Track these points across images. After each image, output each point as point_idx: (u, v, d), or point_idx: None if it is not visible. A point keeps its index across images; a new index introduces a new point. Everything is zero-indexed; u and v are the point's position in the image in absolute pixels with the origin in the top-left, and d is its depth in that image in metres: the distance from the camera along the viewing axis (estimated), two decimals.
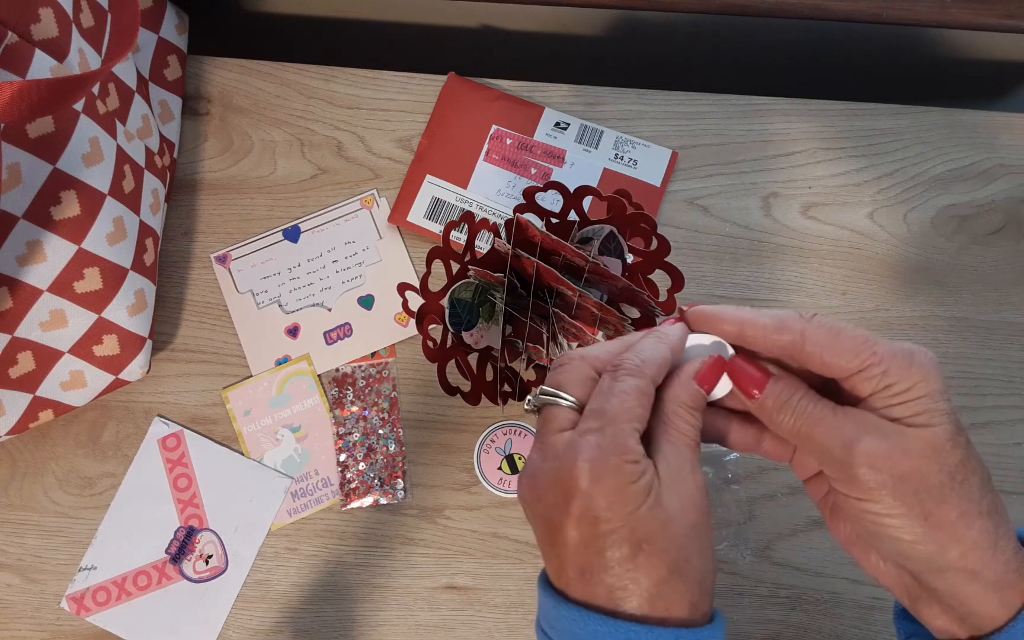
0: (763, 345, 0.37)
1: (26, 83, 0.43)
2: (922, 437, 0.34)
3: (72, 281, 0.56)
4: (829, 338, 0.35)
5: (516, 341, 0.61)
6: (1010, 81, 0.83)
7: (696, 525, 0.35)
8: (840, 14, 0.72)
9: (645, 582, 0.34)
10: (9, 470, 0.64)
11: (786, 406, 0.36)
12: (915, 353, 0.35)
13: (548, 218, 0.61)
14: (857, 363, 0.35)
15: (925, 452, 0.34)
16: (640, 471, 0.35)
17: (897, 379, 0.34)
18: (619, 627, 0.34)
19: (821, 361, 0.35)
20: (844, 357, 0.35)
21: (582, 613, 0.35)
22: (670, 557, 0.34)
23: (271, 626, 0.62)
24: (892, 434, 0.34)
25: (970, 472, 0.34)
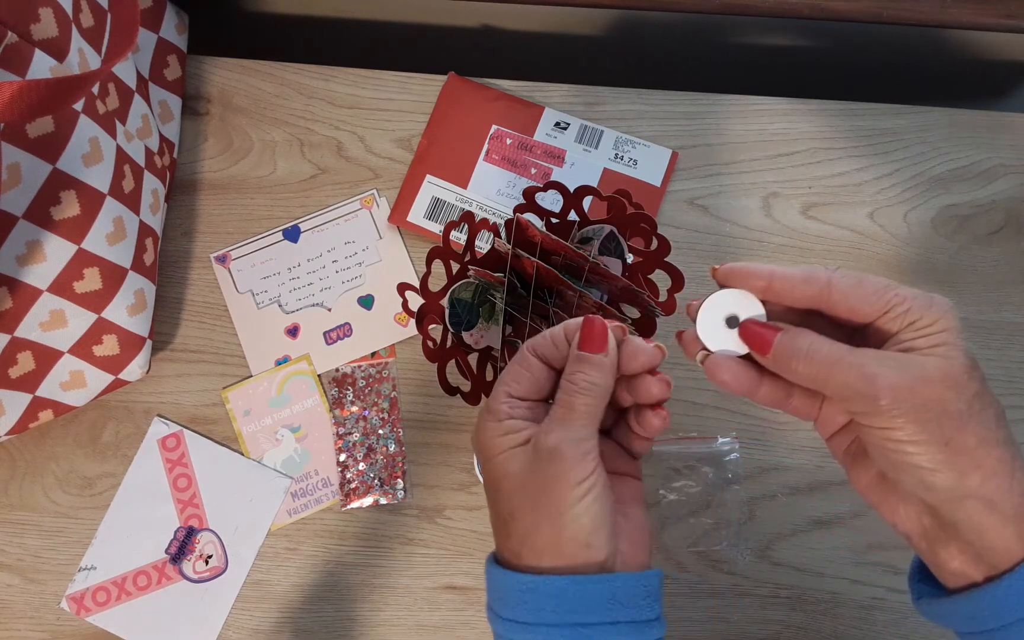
0: (791, 297, 0.38)
1: (26, 83, 0.43)
2: (941, 367, 0.35)
3: (72, 281, 0.56)
4: (854, 285, 0.37)
5: (516, 341, 0.61)
6: (1010, 81, 0.83)
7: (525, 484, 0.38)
8: (840, 14, 0.72)
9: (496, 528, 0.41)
10: (9, 470, 0.64)
11: (798, 353, 0.37)
12: (934, 296, 0.37)
13: (548, 218, 0.61)
14: (882, 304, 0.36)
15: (945, 381, 0.35)
16: (504, 428, 0.39)
17: (920, 315, 0.36)
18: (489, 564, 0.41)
19: (848, 307, 0.37)
20: (869, 301, 0.37)
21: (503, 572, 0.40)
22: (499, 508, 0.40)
23: (271, 626, 0.62)
24: (912, 365, 0.35)
25: (986, 404, 0.36)
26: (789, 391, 0.41)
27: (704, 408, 0.66)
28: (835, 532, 0.62)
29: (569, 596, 0.37)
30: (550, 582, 0.37)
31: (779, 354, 0.37)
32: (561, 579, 0.37)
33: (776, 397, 0.41)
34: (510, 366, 0.41)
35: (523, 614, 0.38)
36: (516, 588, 0.38)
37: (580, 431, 0.38)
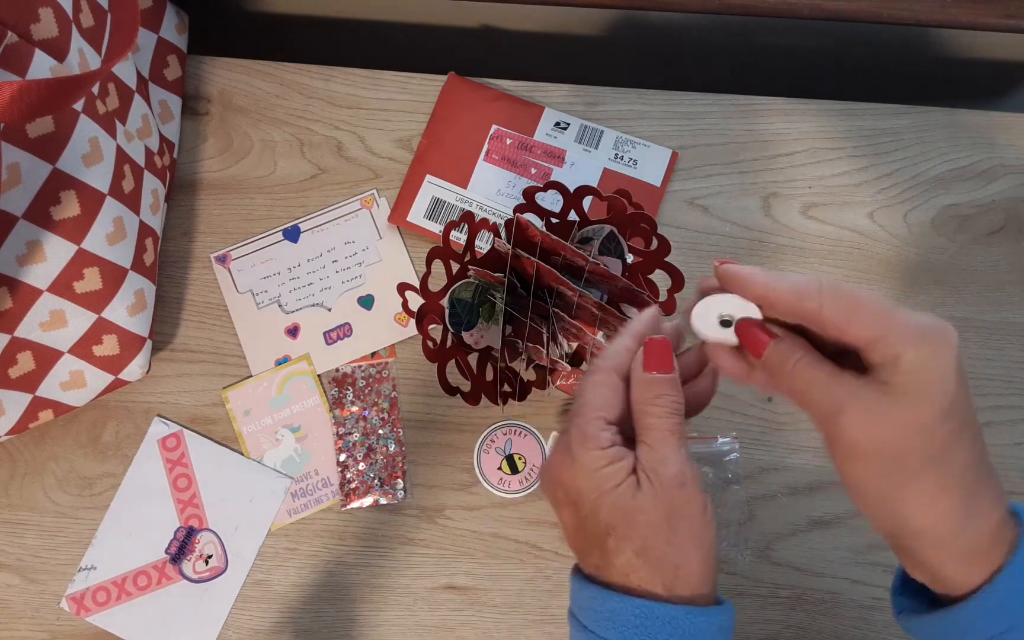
0: (783, 312, 0.38)
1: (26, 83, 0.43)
2: (911, 411, 0.35)
3: (72, 281, 0.56)
4: (846, 311, 0.35)
5: (516, 341, 0.61)
6: (1010, 81, 0.83)
7: (669, 515, 0.37)
8: (840, 14, 0.72)
9: (617, 561, 0.38)
10: (9, 470, 0.64)
11: (786, 365, 0.37)
12: (929, 330, 0.35)
13: (548, 218, 0.61)
14: (871, 336, 0.35)
15: (910, 426, 0.35)
16: (609, 457, 0.38)
17: (904, 351, 0.35)
18: (603, 594, 0.38)
19: (838, 332, 0.36)
20: (859, 329, 0.35)
21: (579, 581, 0.39)
22: (634, 544, 0.37)
23: (271, 626, 0.62)
24: (882, 404, 0.35)
25: (956, 450, 0.35)
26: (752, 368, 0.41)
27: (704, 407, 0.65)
28: (835, 532, 0.62)
29: (682, 624, 0.36)
30: (667, 609, 0.37)
31: (770, 361, 0.38)
32: (676, 608, 0.37)
33: (739, 371, 0.41)
34: (592, 389, 0.39)
35: (628, 636, 0.37)
36: (627, 611, 0.37)
37: (686, 454, 0.37)
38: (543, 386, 0.63)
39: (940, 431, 0.35)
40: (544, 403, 0.65)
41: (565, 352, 0.62)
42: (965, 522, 0.35)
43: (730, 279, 0.39)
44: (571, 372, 0.60)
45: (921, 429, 0.35)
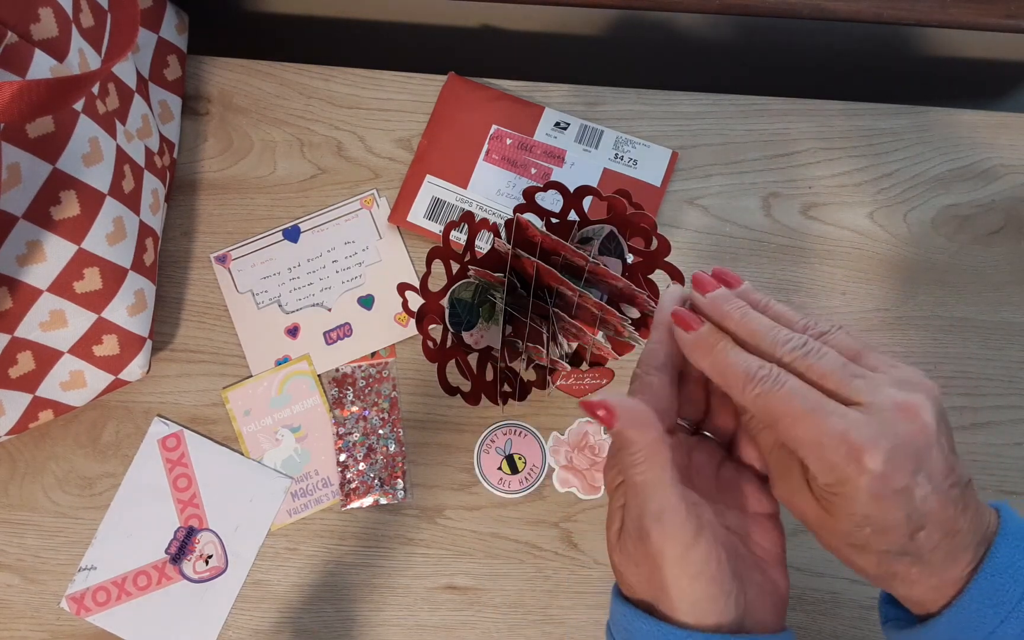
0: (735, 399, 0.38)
1: (26, 83, 0.43)
2: (829, 521, 0.36)
3: (72, 281, 0.56)
4: (770, 424, 0.36)
5: (516, 341, 0.61)
6: (1010, 81, 0.83)
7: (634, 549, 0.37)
8: (840, 14, 0.72)
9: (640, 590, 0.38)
10: (9, 470, 0.64)
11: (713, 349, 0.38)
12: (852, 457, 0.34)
13: (548, 218, 0.61)
14: (794, 448, 0.36)
15: (828, 530, 0.37)
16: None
17: (819, 475, 0.35)
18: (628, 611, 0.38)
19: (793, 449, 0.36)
20: (786, 441, 0.36)
21: (615, 599, 0.39)
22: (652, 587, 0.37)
23: (271, 626, 0.62)
24: (802, 497, 0.37)
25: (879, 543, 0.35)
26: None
27: None
28: None
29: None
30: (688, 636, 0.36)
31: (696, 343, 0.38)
32: (698, 635, 0.36)
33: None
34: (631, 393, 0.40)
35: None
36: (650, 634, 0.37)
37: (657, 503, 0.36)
38: (543, 386, 0.63)
39: (855, 536, 0.36)
40: (544, 403, 0.65)
41: (565, 352, 0.62)
42: (927, 576, 0.36)
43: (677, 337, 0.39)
44: (571, 372, 0.60)
45: (837, 534, 0.36)
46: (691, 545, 0.36)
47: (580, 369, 0.61)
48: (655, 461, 0.37)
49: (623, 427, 0.37)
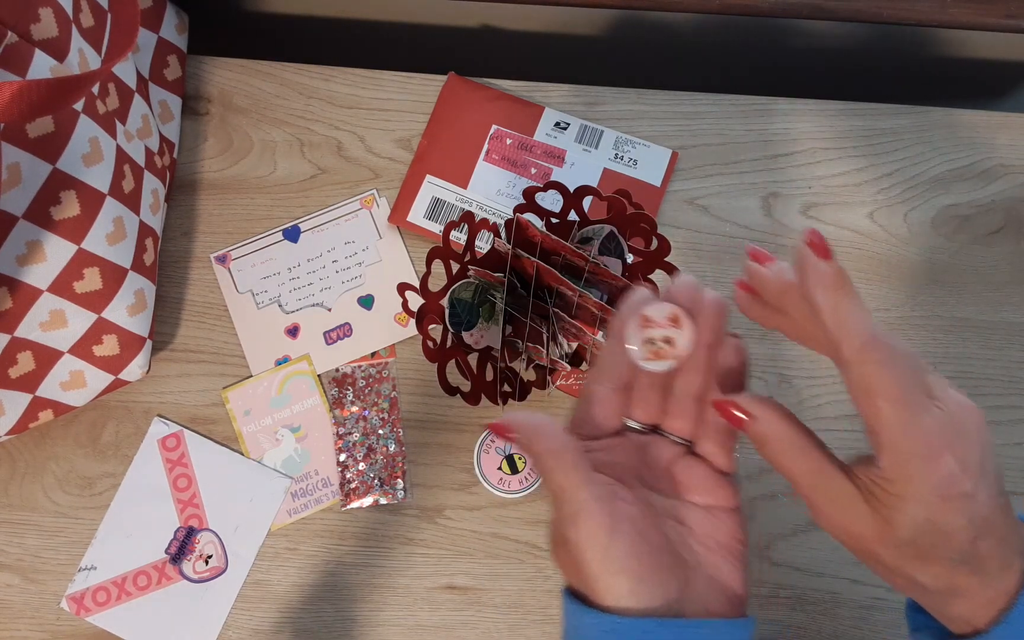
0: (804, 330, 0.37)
1: (26, 83, 0.43)
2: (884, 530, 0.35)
3: (72, 281, 0.56)
4: (866, 390, 0.35)
5: (516, 341, 0.61)
6: (1010, 81, 0.83)
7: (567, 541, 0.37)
8: (840, 14, 0.72)
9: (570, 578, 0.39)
10: (9, 470, 0.64)
11: (766, 447, 0.39)
12: (922, 449, 0.34)
13: (548, 218, 0.61)
14: (873, 426, 0.35)
15: (881, 542, 0.36)
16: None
17: (888, 467, 0.35)
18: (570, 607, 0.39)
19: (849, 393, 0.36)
20: (866, 415, 0.35)
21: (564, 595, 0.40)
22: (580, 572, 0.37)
23: (271, 626, 0.62)
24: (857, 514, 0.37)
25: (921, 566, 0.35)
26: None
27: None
28: None
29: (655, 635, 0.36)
30: (636, 624, 0.36)
31: (753, 436, 0.39)
32: (648, 622, 0.36)
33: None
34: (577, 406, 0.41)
35: None
36: (597, 627, 0.37)
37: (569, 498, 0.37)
38: (543, 386, 0.63)
39: (907, 551, 0.35)
40: (544, 403, 0.65)
41: (565, 352, 0.62)
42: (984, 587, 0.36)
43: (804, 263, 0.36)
44: (571, 372, 0.60)
45: (890, 545, 0.36)
46: (608, 543, 0.36)
47: (580, 369, 0.61)
48: (562, 466, 0.37)
49: (524, 441, 0.38)
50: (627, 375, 0.40)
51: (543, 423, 0.38)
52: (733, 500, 0.41)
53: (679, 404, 0.41)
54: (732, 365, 0.40)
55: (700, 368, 0.39)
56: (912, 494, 0.34)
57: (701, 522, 0.40)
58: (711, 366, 0.39)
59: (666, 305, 0.39)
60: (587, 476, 0.37)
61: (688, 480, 0.40)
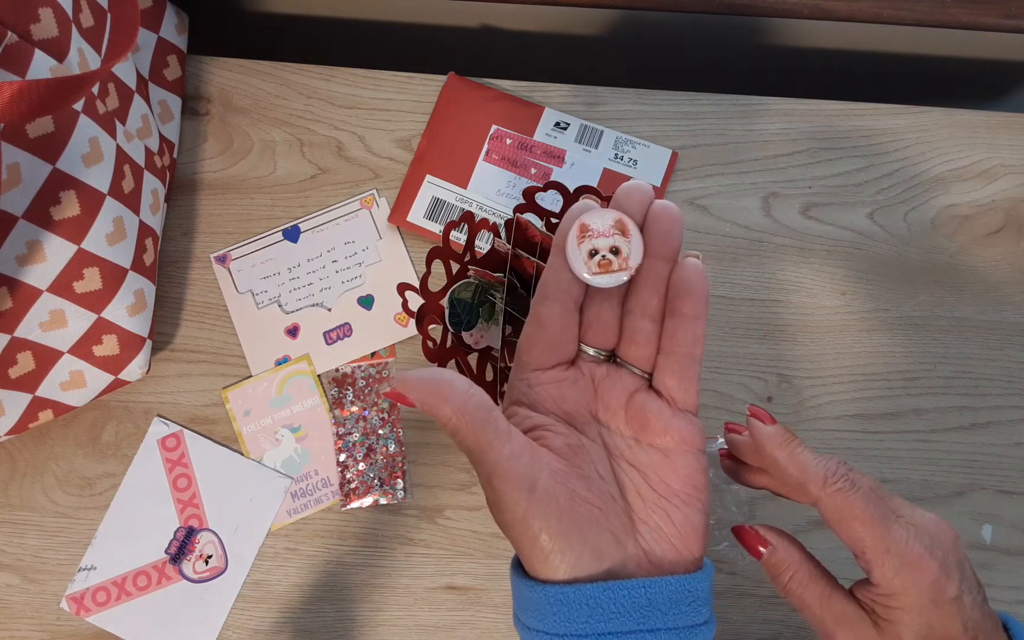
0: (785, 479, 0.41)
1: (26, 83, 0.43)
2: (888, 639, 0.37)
3: (72, 281, 0.56)
4: (840, 516, 0.38)
5: (516, 341, 0.61)
6: (1010, 81, 0.83)
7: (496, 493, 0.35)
8: (840, 14, 0.72)
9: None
10: (9, 470, 0.64)
11: (780, 577, 0.41)
12: (907, 561, 0.37)
13: (548, 218, 0.61)
14: (857, 546, 0.38)
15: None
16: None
17: (880, 582, 0.38)
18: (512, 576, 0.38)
19: (830, 524, 0.39)
20: (848, 535, 0.38)
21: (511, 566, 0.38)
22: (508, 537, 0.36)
23: (271, 626, 0.62)
24: (864, 633, 0.38)
25: None
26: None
27: (704, 408, 0.66)
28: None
29: (602, 604, 0.34)
30: (581, 591, 0.34)
31: (767, 565, 0.42)
32: (593, 587, 0.34)
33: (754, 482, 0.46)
34: (523, 332, 0.38)
35: (553, 625, 0.35)
36: (544, 599, 0.35)
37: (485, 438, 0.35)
38: None
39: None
40: None
41: None
42: None
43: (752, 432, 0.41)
44: None
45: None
46: (526, 506, 0.34)
47: None
48: (468, 425, 0.34)
49: (426, 404, 0.34)
50: (576, 294, 0.36)
51: (442, 381, 0.34)
52: (693, 441, 0.38)
53: (635, 327, 0.37)
54: (691, 285, 0.36)
55: (654, 285, 0.37)
56: (909, 605, 0.37)
57: (656, 465, 0.37)
58: (666, 284, 0.37)
59: (610, 212, 0.35)
60: (497, 431, 0.34)
61: (644, 418, 0.38)
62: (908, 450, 0.65)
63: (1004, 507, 0.64)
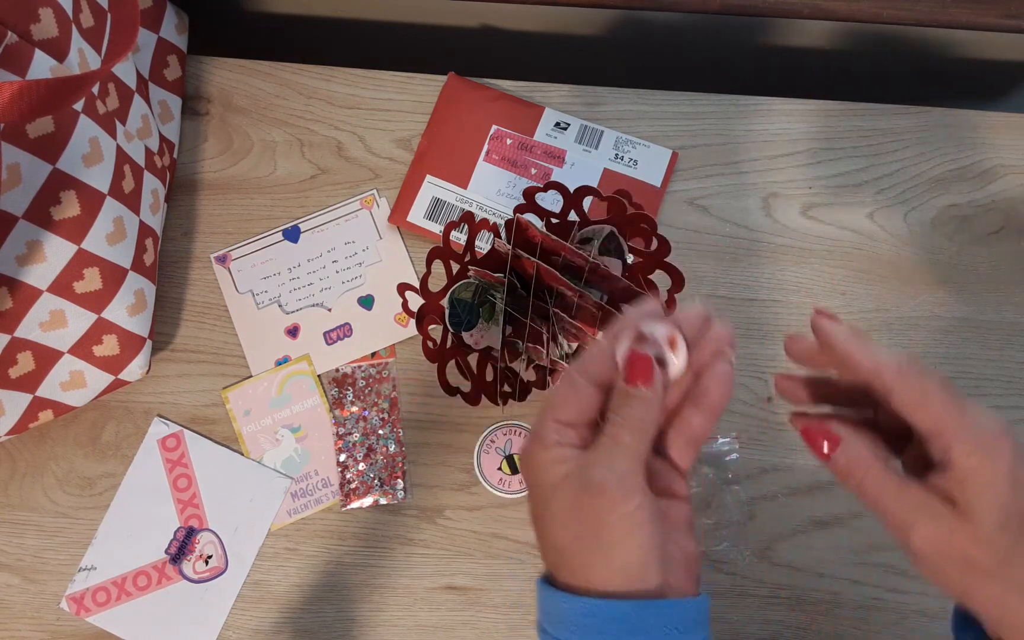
0: (853, 374, 0.39)
1: (26, 83, 0.43)
2: (971, 526, 0.36)
3: (72, 281, 0.56)
4: (914, 401, 0.37)
5: (516, 341, 0.61)
6: (1010, 81, 0.83)
7: (572, 516, 0.38)
8: (840, 14, 0.72)
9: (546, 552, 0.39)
10: (9, 470, 0.64)
11: (855, 472, 0.39)
12: (984, 441, 0.36)
13: (548, 218, 0.61)
14: (931, 429, 0.37)
15: (973, 539, 0.36)
16: (551, 457, 0.38)
17: (959, 457, 0.36)
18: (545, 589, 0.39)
19: (902, 414, 0.38)
20: (922, 420, 0.37)
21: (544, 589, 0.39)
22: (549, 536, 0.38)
23: (271, 626, 0.62)
24: (945, 519, 0.37)
25: (1019, 556, 0.36)
26: None
27: None
28: (835, 532, 0.62)
29: (631, 620, 0.36)
30: (612, 606, 0.36)
31: (837, 463, 0.39)
32: (623, 604, 0.36)
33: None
34: (556, 389, 0.40)
35: (580, 637, 0.37)
36: (575, 612, 0.37)
37: (626, 466, 0.37)
38: (543, 386, 0.63)
39: (1000, 542, 0.36)
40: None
41: (565, 352, 0.62)
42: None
43: (820, 332, 0.40)
44: None
45: (983, 542, 0.36)
46: (638, 507, 0.37)
47: None
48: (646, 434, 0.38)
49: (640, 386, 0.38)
50: (608, 377, 0.39)
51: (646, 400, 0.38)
52: (685, 491, 0.41)
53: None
54: (716, 396, 0.40)
55: (681, 386, 0.40)
56: (987, 484, 0.36)
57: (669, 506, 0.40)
58: (694, 386, 0.40)
59: (666, 326, 0.39)
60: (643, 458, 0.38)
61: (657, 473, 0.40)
62: None
63: None
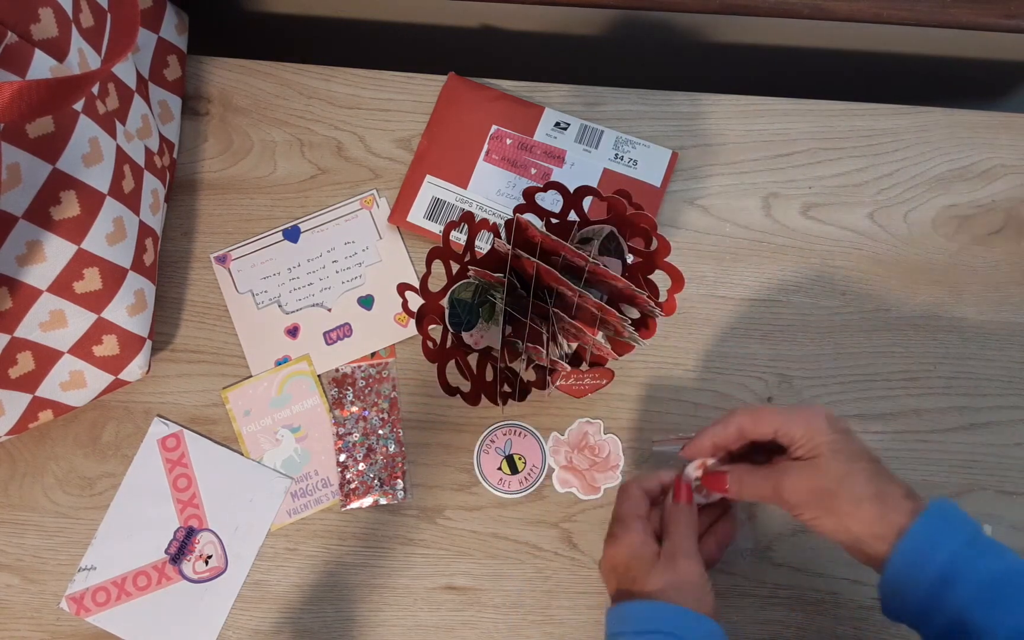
0: (731, 443, 0.56)
1: (26, 83, 0.43)
2: (813, 466, 0.52)
3: (72, 281, 0.56)
4: (754, 422, 0.55)
5: (516, 341, 0.61)
6: (1010, 81, 0.83)
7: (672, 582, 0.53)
8: (840, 14, 0.72)
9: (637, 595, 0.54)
10: (9, 470, 0.64)
11: (743, 484, 0.55)
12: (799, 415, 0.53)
13: (548, 218, 0.61)
14: (771, 431, 0.54)
15: (817, 474, 0.52)
16: (641, 538, 0.55)
17: (791, 435, 0.53)
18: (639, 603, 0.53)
19: (756, 434, 0.55)
20: (766, 428, 0.54)
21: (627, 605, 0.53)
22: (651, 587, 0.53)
23: (271, 626, 0.62)
24: (798, 470, 0.53)
25: (853, 474, 0.51)
26: None
27: (704, 408, 0.66)
28: None
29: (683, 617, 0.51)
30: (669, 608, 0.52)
31: (732, 488, 0.55)
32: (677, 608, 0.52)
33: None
34: (629, 501, 0.56)
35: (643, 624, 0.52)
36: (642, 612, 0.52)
37: (693, 547, 0.55)
38: (543, 386, 0.63)
39: (835, 468, 0.51)
40: (544, 403, 0.65)
41: (565, 352, 0.62)
42: (881, 519, 0.50)
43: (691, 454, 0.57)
44: (571, 372, 0.60)
45: (823, 473, 0.52)
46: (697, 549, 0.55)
47: (580, 369, 0.61)
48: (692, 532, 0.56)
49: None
50: (657, 494, 0.58)
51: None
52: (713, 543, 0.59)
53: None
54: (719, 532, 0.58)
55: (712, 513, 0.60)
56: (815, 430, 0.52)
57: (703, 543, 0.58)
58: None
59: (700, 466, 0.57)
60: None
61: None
62: (908, 450, 0.65)
63: (1004, 507, 0.64)
